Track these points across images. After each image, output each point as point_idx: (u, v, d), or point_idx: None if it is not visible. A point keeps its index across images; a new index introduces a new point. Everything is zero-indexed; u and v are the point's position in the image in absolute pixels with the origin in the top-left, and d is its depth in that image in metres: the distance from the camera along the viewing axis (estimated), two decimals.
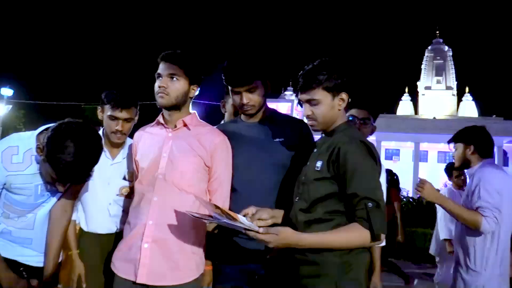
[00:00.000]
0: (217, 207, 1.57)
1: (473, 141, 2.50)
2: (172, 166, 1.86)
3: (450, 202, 2.43)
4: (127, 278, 1.83)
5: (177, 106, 1.91)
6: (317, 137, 1.91)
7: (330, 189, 1.61)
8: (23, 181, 1.76)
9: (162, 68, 1.89)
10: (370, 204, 1.51)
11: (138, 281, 1.80)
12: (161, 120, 1.96)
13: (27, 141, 1.77)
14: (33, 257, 1.91)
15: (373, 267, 2.40)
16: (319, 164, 1.65)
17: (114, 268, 1.90)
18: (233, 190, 1.98)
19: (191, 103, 2.02)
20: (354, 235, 1.53)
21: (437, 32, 61.31)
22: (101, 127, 2.20)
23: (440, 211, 4.30)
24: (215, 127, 2.09)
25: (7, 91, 28.71)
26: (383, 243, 2.21)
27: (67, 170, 1.58)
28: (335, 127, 1.71)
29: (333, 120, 1.70)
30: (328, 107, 1.67)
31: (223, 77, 1.97)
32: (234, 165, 1.98)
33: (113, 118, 2.09)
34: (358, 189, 1.54)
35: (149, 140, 1.96)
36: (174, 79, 1.87)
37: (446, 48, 59.51)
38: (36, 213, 1.87)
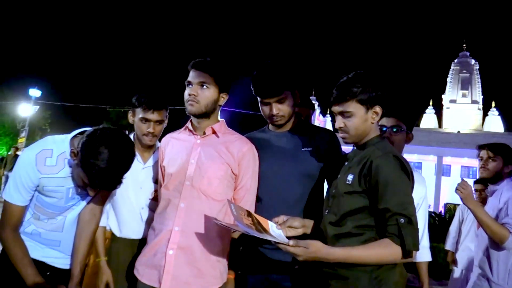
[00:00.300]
0: (249, 212, 1.55)
1: None
2: (200, 173, 1.86)
3: (484, 211, 2.42)
4: (151, 284, 1.82)
5: (206, 114, 1.91)
6: (346, 148, 1.89)
7: (360, 203, 1.59)
8: (56, 184, 1.79)
9: (192, 76, 1.90)
10: (402, 219, 1.49)
11: None
12: (190, 127, 1.97)
13: (61, 144, 1.80)
14: (60, 259, 1.92)
15: (421, 283, 2.41)
16: (350, 177, 1.64)
17: (138, 274, 1.89)
18: (258, 199, 1.97)
19: (219, 111, 2.02)
20: (385, 251, 1.51)
21: (464, 45, 60.23)
22: (131, 132, 2.23)
23: (454, 224, 4.46)
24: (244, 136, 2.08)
25: (35, 92, 29.51)
26: (430, 258, 2.37)
27: (100, 176, 1.60)
28: (368, 140, 1.70)
29: (365, 133, 1.69)
30: (361, 120, 1.66)
31: (253, 88, 1.97)
32: (261, 174, 1.98)
33: (145, 120, 2.14)
34: (390, 204, 1.51)
35: (177, 146, 1.96)
36: (204, 87, 1.88)
37: (473, 61, 58.36)
38: (66, 215, 1.89)
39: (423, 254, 2.35)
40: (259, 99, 1.99)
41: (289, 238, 1.56)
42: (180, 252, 1.81)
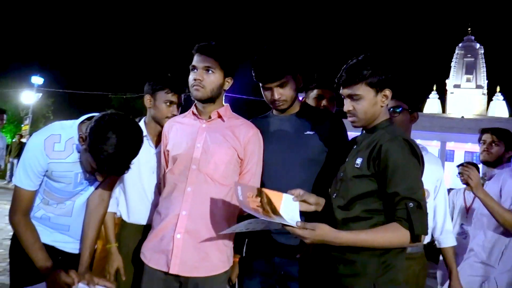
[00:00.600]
0: (260, 191, 1.51)
1: None
2: (206, 157, 1.85)
3: (494, 200, 2.36)
4: (159, 268, 1.83)
5: (212, 99, 1.90)
6: (352, 133, 1.87)
7: (369, 187, 1.58)
8: (64, 169, 1.79)
9: (197, 60, 1.88)
10: (411, 204, 1.48)
11: (170, 272, 1.80)
12: (195, 111, 1.96)
13: (69, 130, 1.80)
14: (70, 244, 1.94)
15: (449, 269, 2.33)
16: (358, 161, 1.62)
17: (145, 259, 1.90)
18: (261, 185, 1.96)
19: (224, 96, 2.01)
20: (393, 235, 1.50)
21: (469, 29, 59.57)
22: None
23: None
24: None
25: (38, 80, 29.46)
26: (454, 243, 2.34)
27: (108, 162, 1.60)
28: (377, 124, 1.68)
29: (374, 116, 1.67)
30: (370, 103, 1.63)
31: (253, 73, 1.96)
32: (264, 159, 1.97)
33: (170, 102, 2.15)
34: (399, 188, 1.50)
35: (182, 131, 1.95)
36: (210, 71, 1.86)
37: (478, 45, 57.79)
38: (75, 201, 1.90)
39: (448, 239, 2.31)
40: (260, 84, 1.98)
41: (301, 213, 1.55)
42: (188, 236, 1.81)
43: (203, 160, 1.86)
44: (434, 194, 2.28)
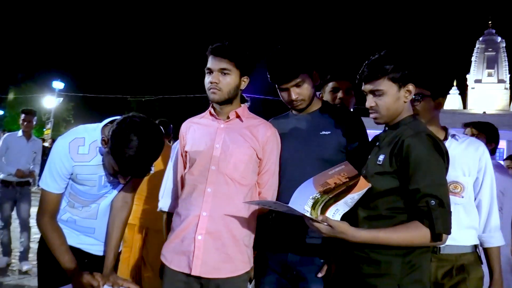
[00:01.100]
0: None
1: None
2: (226, 157, 1.85)
3: None
4: (181, 270, 1.83)
5: (229, 100, 1.89)
6: (373, 131, 1.84)
7: (391, 184, 1.55)
8: (88, 172, 1.82)
9: (212, 63, 1.86)
10: (432, 201, 1.44)
11: (192, 273, 1.79)
12: (213, 112, 1.95)
13: (92, 132, 1.83)
14: (95, 246, 1.97)
15: (492, 271, 1.99)
16: (381, 158, 1.59)
17: (165, 260, 1.89)
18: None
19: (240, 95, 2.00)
20: (413, 234, 1.47)
21: (490, 22, 58.25)
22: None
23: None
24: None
25: (59, 84, 30.09)
26: (502, 242, 2.00)
27: (130, 164, 1.62)
28: (400, 120, 1.64)
29: (397, 112, 1.63)
30: (393, 98, 1.60)
31: (268, 75, 1.94)
32: (280, 157, 1.97)
33: None
34: (421, 184, 1.47)
35: (200, 131, 1.94)
36: (225, 73, 1.85)
37: (499, 39, 56.44)
38: (99, 203, 1.92)
39: (494, 238, 1.99)
40: (276, 85, 1.97)
41: None
42: (209, 237, 1.81)
43: (222, 161, 1.85)
44: (477, 186, 1.99)
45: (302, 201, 1.55)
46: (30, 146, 5.04)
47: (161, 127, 1.83)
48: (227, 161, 1.85)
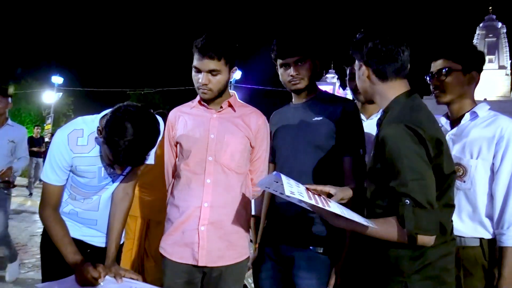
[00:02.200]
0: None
1: None
2: (222, 147, 1.86)
3: None
4: (185, 262, 1.85)
5: (220, 95, 1.91)
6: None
7: (381, 179, 1.45)
8: (88, 163, 1.81)
9: (200, 63, 1.83)
10: (407, 200, 1.33)
11: (199, 264, 1.82)
12: (203, 102, 1.95)
13: (91, 124, 1.82)
14: (98, 238, 1.97)
15: (499, 271, 1.71)
16: (372, 152, 1.54)
17: (166, 253, 1.90)
18: (273, 168, 2.04)
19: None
20: (390, 230, 1.37)
21: (490, 8, 57.78)
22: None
23: None
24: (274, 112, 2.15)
25: (58, 79, 30.04)
26: None
27: (124, 153, 1.59)
28: (389, 103, 1.54)
29: (369, 92, 1.60)
30: (359, 79, 1.60)
31: (274, 52, 1.97)
32: (276, 144, 2.01)
33: None
34: (395, 182, 1.37)
35: (192, 122, 1.93)
36: (215, 74, 1.84)
37: (500, 24, 56.00)
38: (101, 195, 1.92)
39: (506, 236, 1.71)
40: (278, 64, 1.99)
41: None
42: (212, 227, 1.83)
43: (219, 151, 1.86)
44: (493, 174, 1.78)
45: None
46: (3, 134, 3.88)
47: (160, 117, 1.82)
48: (223, 151, 1.86)
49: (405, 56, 1.52)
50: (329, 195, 1.59)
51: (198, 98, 1.96)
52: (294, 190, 1.37)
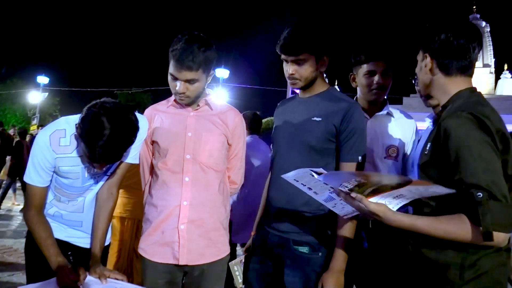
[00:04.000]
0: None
1: None
2: (200, 146, 1.86)
3: None
4: (165, 262, 1.84)
5: (198, 97, 1.91)
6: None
7: (437, 174, 1.34)
8: (71, 163, 1.79)
9: (177, 73, 1.79)
10: (479, 193, 1.20)
11: (180, 263, 1.82)
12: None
13: (73, 123, 1.77)
14: (83, 239, 1.95)
15: None
16: (428, 146, 1.41)
17: (145, 254, 1.90)
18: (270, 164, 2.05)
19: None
20: (455, 228, 1.24)
21: (474, 7, 58.57)
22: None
23: None
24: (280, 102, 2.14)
25: (43, 79, 29.65)
26: None
27: (100, 149, 1.56)
28: (451, 97, 1.45)
29: (424, 85, 1.52)
30: (421, 73, 1.51)
31: (278, 44, 1.89)
32: (274, 139, 2.01)
33: None
34: (463, 174, 1.24)
35: (168, 120, 1.92)
36: (193, 82, 1.81)
37: (484, 23, 56.66)
38: (85, 196, 1.90)
39: None
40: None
41: None
42: (192, 225, 1.84)
43: (197, 149, 1.86)
44: None
45: (336, 181, 1.41)
46: None
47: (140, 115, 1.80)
48: (201, 149, 1.86)
49: (474, 54, 1.45)
50: None
51: (174, 97, 1.94)
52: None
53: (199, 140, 1.87)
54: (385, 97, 2.23)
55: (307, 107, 1.91)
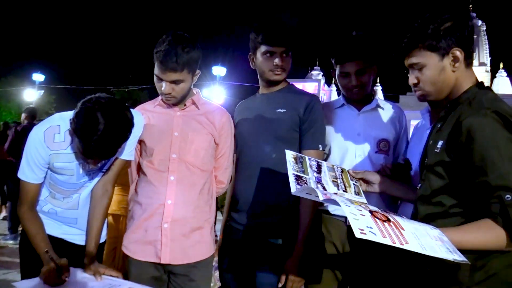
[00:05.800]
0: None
1: None
2: (186, 145, 1.86)
3: None
4: (148, 260, 1.85)
5: (184, 98, 1.92)
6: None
7: (454, 176, 1.28)
8: (65, 160, 1.78)
9: (162, 74, 1.80)
10: (508, 196, 1.15)
11: (162, 262, 1.82)
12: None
13: (68, 120, 1.76)
14: (78, 236, 1.94)
15: None
16: (439, 144, 1.33)
17: (129, 252, 1.90)
18: (236, 159, 2.07)
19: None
20: (485, 235, 1.19)
21: (470, 6, 58.75)
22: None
23: None
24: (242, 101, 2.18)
25: (39, 77, 29.51)
26: None
27: (94, 144, 1.55)
28: (460, 94, 1.37)
29: (447, 85, 1.38)
30: (436, 70, 1.36)
31: (261, 35, 1.98)
32: (240, 134, 2.03)
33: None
34: (490, 176, 1.18)
35: (155, 119, 1.93)
36: (179, 83, 1.82)
37: (480, 22, 56.99)
38: (80, 193, 1.89)
39: None
40: (262, 50, 1.96)
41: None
42: (175, 224, 1.84)
43: (183, 148, 1.87)
44: None
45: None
46: None
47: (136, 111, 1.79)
48: (187, 149, 1.86)
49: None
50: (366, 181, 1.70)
51: (160, 96, 1.95)
52: (355, 212, 1.13)
53: (185, 140, 1.87)
54: (374, 88, 2.26)
55: (271, 101, 2.01)
